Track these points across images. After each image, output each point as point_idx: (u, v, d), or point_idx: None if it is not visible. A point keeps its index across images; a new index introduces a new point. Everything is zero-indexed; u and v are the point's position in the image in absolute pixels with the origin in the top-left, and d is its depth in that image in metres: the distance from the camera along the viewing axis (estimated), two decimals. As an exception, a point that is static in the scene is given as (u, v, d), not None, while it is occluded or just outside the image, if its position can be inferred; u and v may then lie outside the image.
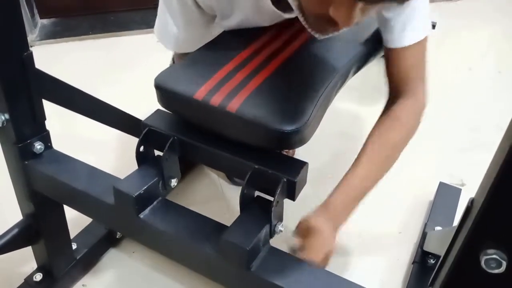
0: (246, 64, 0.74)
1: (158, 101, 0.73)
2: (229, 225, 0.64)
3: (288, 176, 0.64)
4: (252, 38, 0.82)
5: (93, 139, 1.44)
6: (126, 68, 1.83)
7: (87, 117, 0.88)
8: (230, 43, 0.82)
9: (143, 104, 0.91)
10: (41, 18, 2.23)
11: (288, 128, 0.62)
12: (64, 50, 1.97)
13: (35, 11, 2.15)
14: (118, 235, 1.13)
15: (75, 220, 0.99)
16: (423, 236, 1.11)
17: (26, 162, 0.80)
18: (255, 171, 0.65)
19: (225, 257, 0.63)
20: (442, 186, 1.26)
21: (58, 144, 0.86)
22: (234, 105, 0.64)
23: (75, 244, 1.03)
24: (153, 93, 0.73)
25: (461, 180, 1.36)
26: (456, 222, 1.14)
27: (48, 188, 0.82)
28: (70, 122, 1.43)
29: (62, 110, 0.85)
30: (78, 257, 1.03)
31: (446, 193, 1.24)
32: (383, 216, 1.25)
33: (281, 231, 0.67)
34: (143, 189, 0.69)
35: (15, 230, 0.88)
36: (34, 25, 2.07)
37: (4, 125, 0.76)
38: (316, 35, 0.66)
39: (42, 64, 0.77)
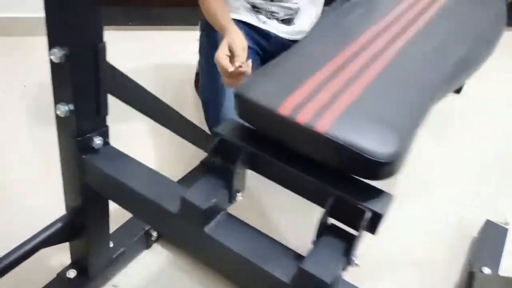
0: (339, 72, 0.69)
1: (236, 110, 0.68)
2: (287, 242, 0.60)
3: (374, 208, 0.60)
4: (347, 39, 0.78)
5: (144, 137, 1.41)
6: (154, 61, 1.79)
7: (148, 117, 0.84)
8: (321, 45, 0.78)
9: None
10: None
11: (383, 158, 0.58)
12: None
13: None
14: (154, 237, 1.09)
15: (111, 218, 0.95)
16: (470, 275, 1.06)
17: (84, 157, 0.76)
18: (337, 199, 0.61)
19: (297, 285, 0.59)
20: (489, 224, 1.21)
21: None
22: (323, 125, 0.60)
23: (112, 242, 0.99)
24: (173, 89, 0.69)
25: (505, 219, 1.32)
26: (503, 263, 1.10)
27: (103, 186, 0.78)
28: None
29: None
30: (114, 256, 0.99)
31: (492, 232, 1.19)
32: (424, 248, 1.21)
33: (357, 265, 0.62)
34: (212, 201, 0.65)
35: (59, 224, 0.84)
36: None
37: (67, 115, 0.72)
38: None
39: None
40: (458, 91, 1.87)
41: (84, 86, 0.71)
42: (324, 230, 0.63)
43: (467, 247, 1.22)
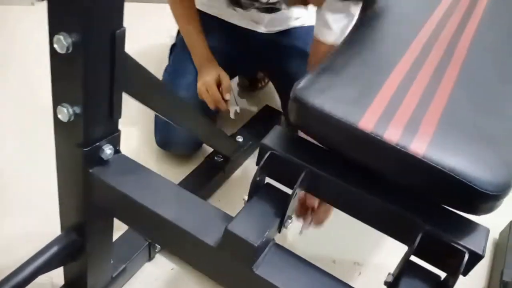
0: (413, 74, 0.57)
1: (294, 119, 0.55)
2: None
3: (472, 247, 0.49)
4: (407, 34, 0.65)
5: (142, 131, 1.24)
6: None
7: (167, 119, 0.69)
8: (379, 42, 0.65)
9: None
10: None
11: (492, 190, 0.46)
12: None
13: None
14: (158, 248, 0.96)
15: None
16: (503, 285, 0.99)
17: (91, 170, 0.61)
18: (427, 235, 0.49)
19: None
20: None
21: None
22: (419, 147, 0.48)
23: (112, 259, 0.85)
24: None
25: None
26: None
27: (116, 206, 0.64)
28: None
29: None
30: (114, 275, 0.85)
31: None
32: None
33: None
34: (265, 235, 0.52)
35: (56, 247, 0.68)
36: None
37: (71, 120, 0.56)
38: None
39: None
40: None
41: (95, 83, 0.55)
42: (407, 269, 0.51)
43: (488, 250, 1.16)
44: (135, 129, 1.25)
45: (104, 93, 0.57)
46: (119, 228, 0.91)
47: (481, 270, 1.11)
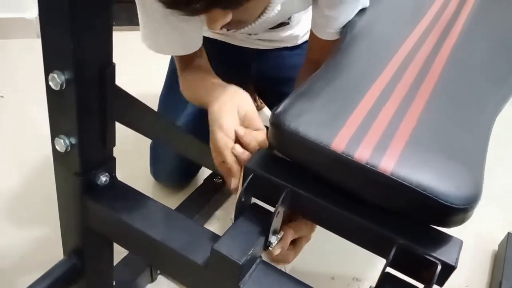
0: (388, 94, 0.60)
1: (272, 141, 0.59)
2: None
3: (445, 259, 0.51)
4: (385, 53, 0.69)
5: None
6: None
7: (159, 142, 0.73)
8: (358, 63, 0.68)
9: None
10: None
11: (460, 203, 0.49)
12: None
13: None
14: (159, 270, 0.99)
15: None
16: (501, 297, 1.00)
17: (87, 196, 0.65)
18: (401, 248, 0.52)
19: None
20: (511, 238, 1.16)
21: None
22: (388, 165, 0.51)
23: (114, 280, 0.88)
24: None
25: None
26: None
27: (111, 230, 0.67)
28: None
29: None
30: (117, 298, 0.88)
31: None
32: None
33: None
34: (249, 253, 0.55)
35: (58, 271, 0.72)
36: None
37: (68, 150, 0.61)
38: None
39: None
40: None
41: (88, 116, 0.59)
42: (387, 281, 0.54)
43: (489, 262, 1.17)
44: (136, 157, 1.30)
45: (97, 124, 0.61)
46: (122, 251, 0.95)
47: (480, 281, 1.12)
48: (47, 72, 0.55)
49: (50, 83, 0.55)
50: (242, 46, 1.13)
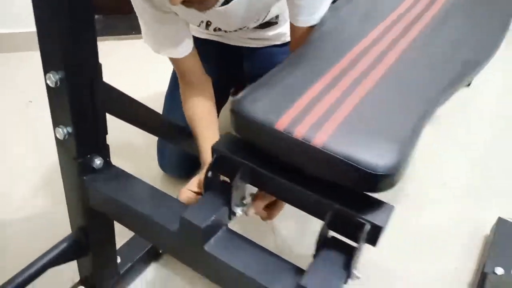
0: (338, 81, 0.68)
1: (232, 126, 0.68)
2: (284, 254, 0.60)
3: (373, 220, 0.59)
4: (346, 46, 0.77)
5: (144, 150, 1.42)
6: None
7: (149, 133, 0.84)
8: (319, 54, 0.77)
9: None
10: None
11: (381, 171, 0.57)
12: (104, 47, 1.95)
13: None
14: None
15: (119, 232, 0.96)
16: (482, 276, 1.05)
17: (84, 178, 0.77)
18: (336, 212, 0.60)
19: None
20: (501, 222, 1.19)
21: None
22: (320, 139, 0.59)
23: (119, 257, 1.00)
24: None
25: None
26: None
27: (105, 206, 0.79)
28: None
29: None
30: (121, 272, 1.00)
31: (505, 230, 1.17)
32: (438, 250, 1.19)
33: (357, 277, 0.62)
34: (211, 219, 0.65)
35: (65, 244, 0.85)
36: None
37: (66, 138, 0.73)
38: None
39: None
40: (468, 84, 1.85)
41: (81, 108, 0.71)
42: (324, 243, 0.62)
43: (480, 246, 1.20)
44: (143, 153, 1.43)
45: (89, 115, 0.73)
46: (128, 234, 1.07)
47: (470, 264, 1.16)
48: (45, 72, 0.68)
49: (48, 81, 0.68)
50: (235, 45, 1.24)
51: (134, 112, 0.81)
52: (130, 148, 1.46)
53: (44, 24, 0.64)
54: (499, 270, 1.04)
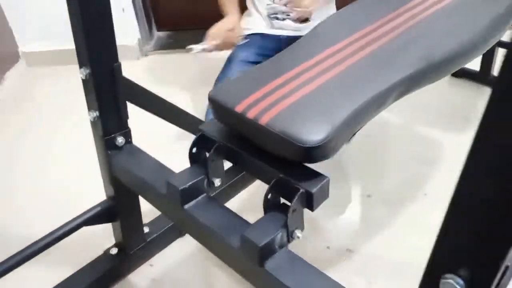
0: (299, 76, 0.81)
1: (213, 114, 0.84)
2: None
3: (307, 187, 0.70)
4: (321, 47, 0.90)
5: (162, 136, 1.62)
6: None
7: (162, 119, 1.03)
8: (298, 53, 0.90)
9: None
10: (157, 30, 2.54)
11: (308, 144, 0.68)
12: (173, 60, 2.23)
13: (153, 25, 2.47)
14: (185, 227, 1.28)
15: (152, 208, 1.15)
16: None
17: (109, 152, 0.98)
18: (278, 180, 0.73)
19: (242, 251, 0.72)
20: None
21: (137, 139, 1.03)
22: (265, 119, 0.72)
23: (148, 228, 1.20)
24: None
25: None
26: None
27: (124, 177, 0.99)
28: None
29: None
30: (148, 240, 1.19)
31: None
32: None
33: (298, 237, 0.73)
34: (188, 184, 0.81)
35: (98, 209, 1.06)
36: (151, 37, 2.37)
37: (95, 120, 0.94)
38: None
39: (152, 70, 0.90)
40: None
41: (105, 97, 0.93)
42: (271, 206, 0.74)
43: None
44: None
45: (112, 102, 0.94)
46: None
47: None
48: (80, 67, 0.90)
49: (80, 74, 0.90)
50: (279, 35, 1.56)
51: (151, 101, 1.01)
52: (154, 132, 1.66)
53: (76, 33, 0.86)
54: None
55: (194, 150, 0.86)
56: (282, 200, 0.76)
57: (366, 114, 0.76)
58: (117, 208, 1.07)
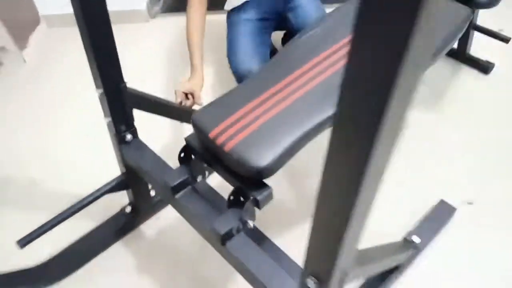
0: (264, 102, 1.09)
1: (195, 134, 1.13)
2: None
3: (255, 195, 1.01)
4: (282, 75, 1.15)
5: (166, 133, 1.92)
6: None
7: (160, 115, 1.34)
8: (261, 81, 1.16)
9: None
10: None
11: (256, 168, 0.98)
12: (180, 21, 2.43)
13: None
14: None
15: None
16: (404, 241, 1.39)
17: (121, 145, 1.29)
18: (237, 188, 1.04)
19: (211, 235, 1.05)
20: (441, 203, 1.48)
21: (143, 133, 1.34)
22: (229, 146, 1.02)
23: (153, 192, 1.55)
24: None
25: (471, 200, 1.55)
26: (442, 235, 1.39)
27: (132, 162, 1.31)
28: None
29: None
30: (155, 201, 1.55)
31: (441, 210, 1.47)
32: (389, 218, 1.53)
33: (250, 226, 1.05)
34: (177, 182, 1.13)
35: (115, 181, 1.40)
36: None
37: (109, 123, 1.25)
38: None
39: (161, 30, 1.35)
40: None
41: (115, 107, 1.22)
42: (232, 203, 1.06)
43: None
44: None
45: (121, 110, 1.23)
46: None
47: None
48: (96, 88, 1.18)
49: (97, 93, 1.19)
50: None
51: (153, 104, 1.30)
52: (157, 128, 1.96)
53: (91, 65, 1.13)
54: (415, 239, 1.36)
55: (182, 155, 1.17)
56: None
57: (304, 142, 1.05)
58: (128, 181, 1.41)
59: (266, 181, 1.03)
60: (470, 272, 1.36)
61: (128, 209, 1.53)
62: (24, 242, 1.27)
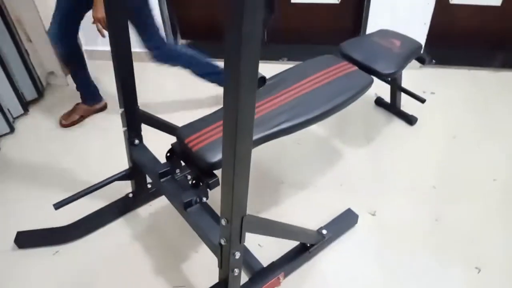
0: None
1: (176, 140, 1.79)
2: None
3: (208, 181, 1.65)
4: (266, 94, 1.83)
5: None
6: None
7: (161, 131, 2.00)
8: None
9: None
10: (182, 38, 3.42)
11: (209, 162, 1.62)
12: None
13: (178, 33, 3.36)
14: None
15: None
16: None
17: (131, 147, 1.95)
18: (197, 176, 1.68)
19: (179, 205, 1.68)
20: (348, 211, 2.10)
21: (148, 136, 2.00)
22: (196, 148, 1.66)
23: (150, 185, 2.20)
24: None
25: (374, 211, 2.15)
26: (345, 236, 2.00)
27: (137, 160, 1.97)
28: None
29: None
30: (150, 191, 2.20)
31: (346, 215, 2.08)
32: (309, 212, 2.14)
33: (204, 200, 1.68)
34: (162, 171, 1.77)
35: (123, 172, 2.06)
36: (176, 43, 3.28)
37: (125, 131, 1.92)
38: None
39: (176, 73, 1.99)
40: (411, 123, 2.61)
41: (130, 121, 1.89)
42: (193, 185, 1.70)
43: (337, 222, 2.12)
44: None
45: (133, 123, 1.90)
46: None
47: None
48: (119, 108, 1.86)
49: (120, 112, 1.86)
50: None
51: (154, 122, 1.96)
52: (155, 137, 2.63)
53: (118, 92, 1.82)
54: (324, 231, 1.97)
55: (168, 154, 1.82)
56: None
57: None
58: (133, 173, 2.07)
59: (216, 172, 1.67)
60: (372, 265, 1.95)
61: (130, 195, 2.18)
62: (58, 205, 1.92)
